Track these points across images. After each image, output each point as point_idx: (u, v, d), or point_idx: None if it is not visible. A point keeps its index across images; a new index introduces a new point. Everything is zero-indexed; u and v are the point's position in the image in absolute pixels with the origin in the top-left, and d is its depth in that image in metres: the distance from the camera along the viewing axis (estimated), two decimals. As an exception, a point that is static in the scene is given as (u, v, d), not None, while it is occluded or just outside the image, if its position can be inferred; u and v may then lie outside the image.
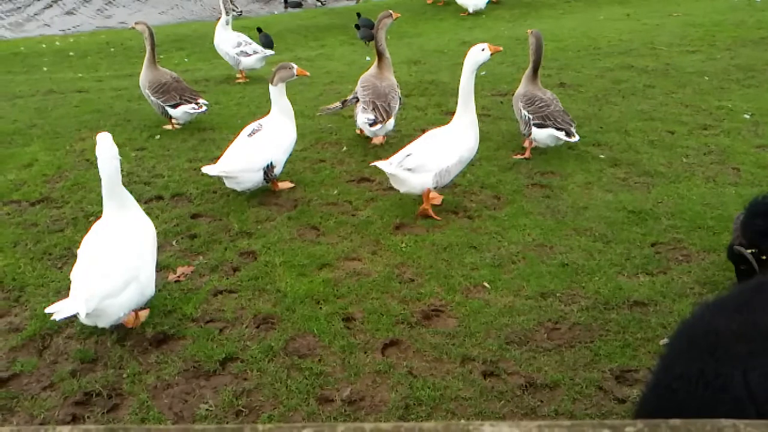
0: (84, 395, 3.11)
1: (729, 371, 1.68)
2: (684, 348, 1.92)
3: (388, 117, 5.69)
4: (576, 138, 5.38)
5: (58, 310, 3.06)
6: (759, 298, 1.99)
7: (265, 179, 4.88)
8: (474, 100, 4.75)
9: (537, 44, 5.55)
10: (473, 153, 4.81)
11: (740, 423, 0.79)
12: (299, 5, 18.25)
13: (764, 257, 3.37)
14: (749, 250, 3.41)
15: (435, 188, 4.65)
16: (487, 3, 14.44)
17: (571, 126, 5.41)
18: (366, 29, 13.00)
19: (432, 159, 4.51)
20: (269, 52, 8.58)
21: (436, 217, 4.63)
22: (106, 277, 3.22)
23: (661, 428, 0.78)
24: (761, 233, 3.39)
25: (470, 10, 14.37)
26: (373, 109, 5.67)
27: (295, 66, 5.01)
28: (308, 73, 5.34)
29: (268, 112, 5.10)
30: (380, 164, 4.51)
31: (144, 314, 3.64)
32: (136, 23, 6.91)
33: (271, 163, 4.83)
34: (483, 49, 4.62)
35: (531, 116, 5.47)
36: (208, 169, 4.70)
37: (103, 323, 3.34)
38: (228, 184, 4.89)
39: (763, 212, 3.44)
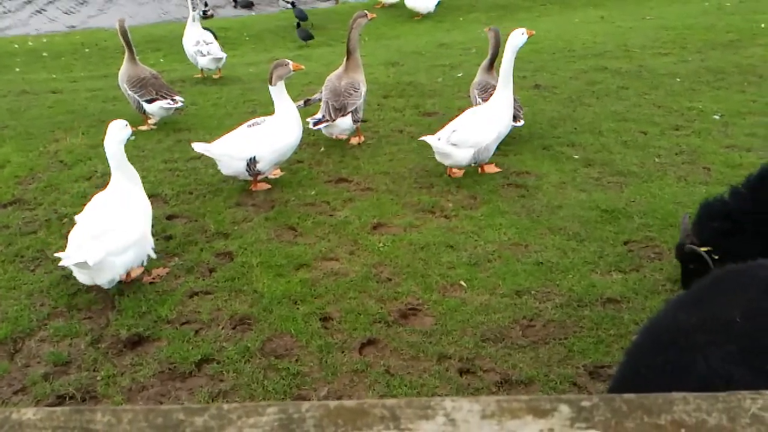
0: (57, 398, 3.07)
1: (691, 358, 1.76)
2: (647, 343, 1.98)
3: (339, 115, 5.70)
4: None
5: (67, 257, 3.43)
6: (716, 292, 2.06)
7: (248, 172, 4.93)
8: (512, 82, 5.21)
9: (495, 39, 5.99)
10: (509, 129, 5.33)
11: (689, 395, 0.83)
12: (250, 5, 17.96)
13: (716, 257, 3.45)
14: (703, 249, 3.48)
15: (475, 164, 5.14)
16: (437, 5, 14.59)
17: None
18: (303, 30, 12.71)
19: (474, 135, 4.98)
20: (222, 55, 8.54)
21: (496, 168, 5.31)
22: (115, 235, 3.62)
23: (616, 401, 0.81)
24: (721, 233, 3.45)
25: (423, 13, 14.52)
26: (326, 108, 5.74)
27: (290, 62, 5.07)
28: (303, 67, 5.44)
29: (249, 114, 5.11)
30: (428, 139, 4.96)
31: (136, 272, 3.97)
32: (119, 21, 6.85)
33: (255, 157, 4.85)
34: (522, 33, 5.17)
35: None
36: (196, 145, 4.88)
37: (100, 280, 3.65)
38: (219, 165, 5.00)
39: (719, 213, 3.50)
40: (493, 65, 6.05)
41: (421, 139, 5.09)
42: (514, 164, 5.54)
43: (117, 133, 3.94)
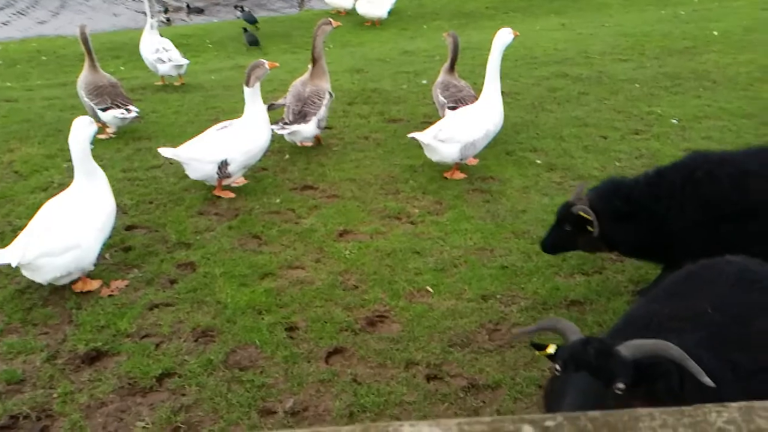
0: (10, 419, 2.95)
1: (664, 337, 1.81)
2: (621, 329, 2.04)
3: (299, 121, 5.67)
4: None
5: None
6: (688, 286, 2.14)
7: (218, 175, 4.88)
8: (499, 80, 5.38)
9: (454, 43, 6.20)
10: (499, 127, 5.45)
11: (655, 411, 0.82)
12: (201, 11, 17.97)
13: (591, 229, 3.40)
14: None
15: (461, 160, 5.22)
16: (389, 12, 14.71)
17: None
18: (251, 34, 12.69)
19: (460, 132, 5.11)
20: (183, 61, 8.41)
21: (462, 175, 5.36)
22: (47, 237, 3.55)
23: (581, 420, 0.79)
24: (616, 216, 3.39)
25: (374, 19, 14.60)
26: (287, 113, 5.75)
27: (265, 61, 5.08)
28: (278, 64, 5.46)
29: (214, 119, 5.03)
30: (417, 135, 5.08)
31: (93, 284, 3.86)
32: (80, 27, 6.67)
33: (226, 160, 4.80)
34: (509, 32, 5.47)
35: (446, 100, 6.00)
36: (162, 150, 4.79)
37: (40, 279, 3.65)
38: (186, 170, 4.91)
39: (626, 196, 3.40)
40: (453, 67, 6.21)
41: (410, 135, 5.18)
42: (478, 170, 5.57)
43: (82, 130, 3.86)
